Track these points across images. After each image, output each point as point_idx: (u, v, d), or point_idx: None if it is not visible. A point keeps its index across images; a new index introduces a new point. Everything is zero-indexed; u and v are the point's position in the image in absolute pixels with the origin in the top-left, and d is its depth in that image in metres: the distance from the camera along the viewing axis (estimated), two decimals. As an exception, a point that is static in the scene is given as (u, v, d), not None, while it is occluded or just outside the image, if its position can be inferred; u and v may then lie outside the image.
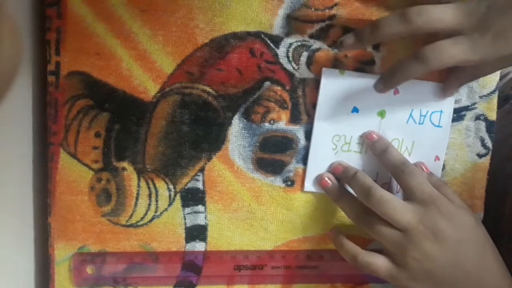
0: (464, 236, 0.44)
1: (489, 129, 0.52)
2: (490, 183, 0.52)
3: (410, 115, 0.50)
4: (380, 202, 0.44)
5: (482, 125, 0.52)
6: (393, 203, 0.44)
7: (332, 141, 0.50)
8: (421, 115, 0.50)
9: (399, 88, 0.49)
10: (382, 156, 0.49)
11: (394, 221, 0.44)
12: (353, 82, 0.49)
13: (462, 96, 0.51)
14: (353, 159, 0.50)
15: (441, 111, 0.50)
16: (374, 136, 0.50)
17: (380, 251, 0.47)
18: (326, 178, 0.50)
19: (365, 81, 0.49)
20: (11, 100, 0.45)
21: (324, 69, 0.49)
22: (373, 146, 0.50)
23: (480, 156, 0.52)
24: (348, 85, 0.49)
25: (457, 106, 0.51)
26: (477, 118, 0.51)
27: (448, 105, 0.50)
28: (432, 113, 0.50)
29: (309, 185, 0.51)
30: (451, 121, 0.51)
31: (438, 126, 0.50)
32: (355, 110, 0.50)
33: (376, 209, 0.45)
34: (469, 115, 0.51)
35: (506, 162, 0.56)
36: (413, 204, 0.45)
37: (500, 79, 0.51)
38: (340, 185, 0.50)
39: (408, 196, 0.46)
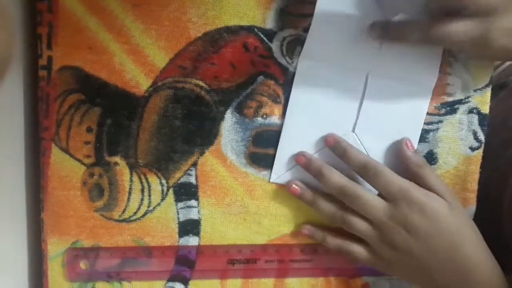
0: (435, 226, 0.45)
1: (481, 122, 0.51)
2: (490, 167, 0.52)
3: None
4: (353, 198, 0.47)
5: (475, 118, 0.52)
6: (364, 199, 0.46)
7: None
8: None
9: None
10: (343, 159, 0.49)
11: (365, 215, 0.47)
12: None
13: (456, 89, 0.51)
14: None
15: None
16: (331, 140, 0.49)
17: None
18: (294, 186, 0.50)
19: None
20: (2, 95, 0.44)
21: (301, 58, 0.48)
22: (333, 151, 0.49)
23: (472, 149, 0.52)
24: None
25: (450, 99, 0.51)
26: (470, 111, 0.51)
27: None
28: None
29: (275, 176, 0.51)
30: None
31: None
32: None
33: (350, 204, 0.47)
34: (462, 108, 0.51)
35: (506, 146, 0.56)
36: (384, 200, 0.46)
37: (496, 67, 0.51)
38: (310, 189, 0.50)
39: (379, 194, 0.47)
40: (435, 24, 0.42)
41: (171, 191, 0.50)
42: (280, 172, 0.50)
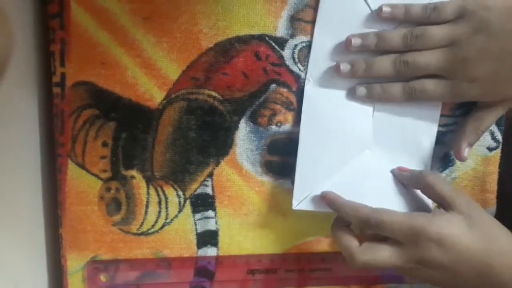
0: (458, 257, 0.42)
1: (498, 122, 0.51)
2: (509, 165, 0.51)
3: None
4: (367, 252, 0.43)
5: (492, 118, 0.51)
6: (378, 252, 0.43)
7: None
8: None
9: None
10: (340, 215, 0.46)
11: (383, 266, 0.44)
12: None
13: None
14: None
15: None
16: (325, 200, 0.47)
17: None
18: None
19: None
20: (17, 113, 0.45)
21: (306, 80, 0.48)
22: (334, 210, 0.47)
23: (490, 149, 0.51)
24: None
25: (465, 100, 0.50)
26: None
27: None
28: None
29: (297, 202, 0.49)
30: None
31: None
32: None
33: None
34: (478, 109, 0.51)
35: None
36: (398, 246, 0.43)
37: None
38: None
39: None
40: (412, 83, 0.47)
41: (188, 202, 0.50)
42: (301, 197, 0.49)
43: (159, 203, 0.50)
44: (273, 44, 0.48)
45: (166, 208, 0.50)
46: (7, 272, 0.44)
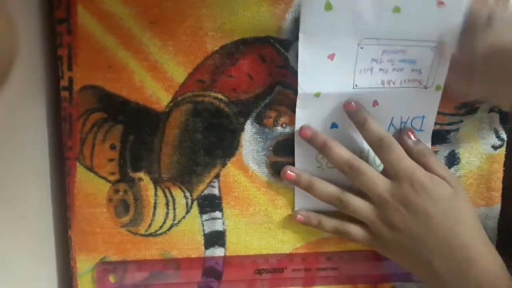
0: (435, 209, 0.45)
1: (503, 120, 0.51)
2: None
3: (391, 123, 0.50)
4: (357, 173, 0.47)
5: (496, 116, 0.51)
6: (368, 175, 0.47)
7: (317, 159, 0.50)
8: (401, 122, 0.50)
9: (378, 99, 0.49)
10: (360, 129, 0.48)
11: (367, 191, 0.47)
12: (329, 102, 0.48)
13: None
14: (340, 175, 0.49)
15: (423, 117, 0.50)
16: (353, 105, 0.48)
17: None
18: (289, 172, 0.50)
19: (341, 99, 0.48)
20: (26, 117, 0.45)
21: (299, 94, 0.48)
22: (352, 117, 0.48)
23: (495, 147, 0.52)
24: (324, 104, 0.48)
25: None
26: (491, 110, 0.51)
27: (431, 110, 0.50)
28: (413, 118, 0.50)
29: (300, 202, 0.51)
30: (433, 125, 0.50)
31: (420, 130, 0.50)
32: (334, 126, 0.50)
33: (353, 179, 0.47)
34: (483, 107, 0.51)
35: None
36: (387, 179, 0.47)
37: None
38: (306, 173, 0.50)
39: (386, 170, 0.47)
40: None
41: (195, 203, 0.51)
42: (302, 198, 0.51)
43: (167, 204, 0.50)
44: (278, 46, 0.48)
45: (174, 209, 0.51)
46: (17, 275, 0.44)
